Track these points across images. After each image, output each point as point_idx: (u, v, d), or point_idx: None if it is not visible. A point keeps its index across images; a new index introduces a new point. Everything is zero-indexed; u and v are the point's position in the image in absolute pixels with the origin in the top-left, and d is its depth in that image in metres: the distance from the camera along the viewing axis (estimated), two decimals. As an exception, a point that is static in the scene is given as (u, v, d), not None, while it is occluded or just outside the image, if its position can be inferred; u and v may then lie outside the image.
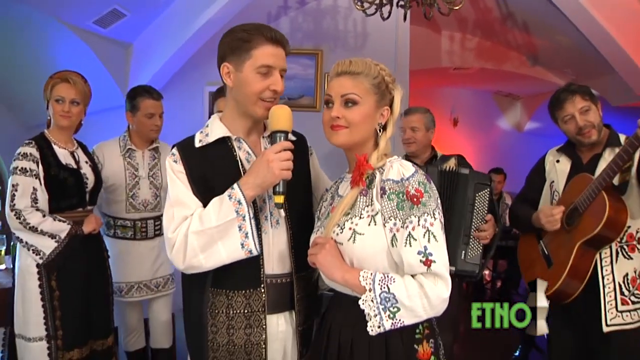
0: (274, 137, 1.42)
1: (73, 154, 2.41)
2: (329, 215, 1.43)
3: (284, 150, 1.38)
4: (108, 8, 3.74)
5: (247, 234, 1.38)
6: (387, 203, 1.32)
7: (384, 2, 3.33)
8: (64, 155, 2.36)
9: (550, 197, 2.31)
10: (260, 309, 1.47)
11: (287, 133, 1.43)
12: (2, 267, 2.90)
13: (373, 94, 1.39)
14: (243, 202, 1.37)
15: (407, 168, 1.35)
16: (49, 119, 2.40)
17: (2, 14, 3.72)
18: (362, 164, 1.36)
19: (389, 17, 3.38)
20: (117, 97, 4.29)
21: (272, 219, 1.51)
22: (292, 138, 1.46)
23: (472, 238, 1.92)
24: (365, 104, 1.38)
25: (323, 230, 1.42)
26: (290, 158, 1.39)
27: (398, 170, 1.35)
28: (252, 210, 1.40)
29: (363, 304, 1.28)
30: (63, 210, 2.32)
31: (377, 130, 1.42)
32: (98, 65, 4.05)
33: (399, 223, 1.30)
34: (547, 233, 2.25)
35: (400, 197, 1.31)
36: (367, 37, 4.48)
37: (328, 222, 1.40)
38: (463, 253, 1.94)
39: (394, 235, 1.30)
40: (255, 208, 1.47)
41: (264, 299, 1.47)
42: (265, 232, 1.49)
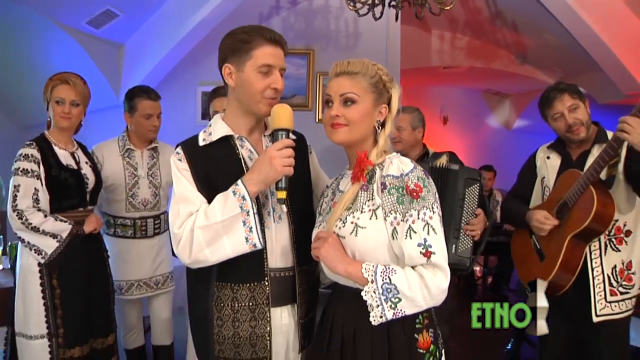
0: (276, 135, 1.46)
1: (73, 155, 2.43)
2: (331, 210, 1.47)
3: (286, 148, 1.43)
4: (101, 8, 3.73)
5: (251, 229, 1.42)
6: (387, 197, 1.37)
7: (376, 2, 3.37)
8: (65, 156, 2.39)
9: (542, 192, 2.37)
10: (265, 302, 1.51)
11: (288, 131, 1.47)
12: (-1, 267, 2.90)
13: (371, 93, 1.44)
14: (247, 197, 1.41)
15: (406, 164, 1.40)
16: (49, 120, 2.42)
17: (-5, 14, 3.72)
18: (362, 161, 1.40)
19: (381, 17, 3.42)
20: (110, 97, 4.28)
21: (274, 215, 1.55)
22: (292, 137, 1.49)
23: (462, 232, 1.95)
24: (364, 103, 1.43)
25: (325, 225, 1.46)
26: (292, 155, 1.43)
27: (398, 166, 1.39)
28: (255, 206, 1.44)
29: (365, 295, 1.32)
30: (64, 210, 2.34)
31: (376, 128, 1.47)
32: (91, 66, 4.03)
33: (399, 217, 1.34)
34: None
35: (400, 191, 1.36)
36: (358, 36, 4.51)
37: (330, 216, 1.44)
38: (454, 247, 1.97)
39: (395, 229, 1.34)
40: (259, 204, 1.50)
41: (268, 292, 1.51)
42: (268, 227, 1.53)
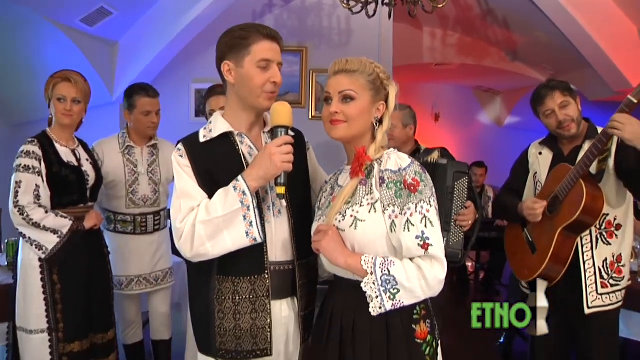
0: (275, 132, 1.49)
1: (74, 152, 2.46)
2: (330, 205, 1.51)
3: (285, 144, 1.46)
4: (95, 6, 3.75)
5: (251, 223, 1.45)
6: (386, 191, 1.40)
7: (370, 0, 3.41)
8: (66, 153, 2.41)
9: (534, 187, 2.41)
10: (265, 295, 1.54)
11: (287, 128, 1.51)
12: (-4, 265, 2.91)
13: (369, 90, 1.48)
14: (247, 192, 1.44)
15: (403, 159, 1.44)
16: (51, 118, 2.45)
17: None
18: (361, 156, 1.44)
19: (375, 15, 3.45)
20: (103, 95, 4.29)
21: (274, 209, 1.58)
22: (291, 133, 1.53)
23: (453, 225, 1.99)
24: (362, 99, 1.47)
25: (325, 219, 1.49)
26: (291, 151, 1.46)
27: (395, 161, 1.44)
28: (255, 201, 1.47)
29: (365, 287, 1.35)
30: (65, 206, 2.36)
31: (373, 125, 1.50)
32: (85, 64, 4.03)
33: (398, 210, 1.38)
34: (530, 221, 2.35)
35: (399, 185, 1.40)
36: (351, 34, 4.54)
37: (330, 210, 1.48)
38: (445, 240, 2.01)
39: (393, 222, 1.38)
40: (259, 199, 1.53)
41: (268, 285, 1.54)
42: (268, 221, 1.56)
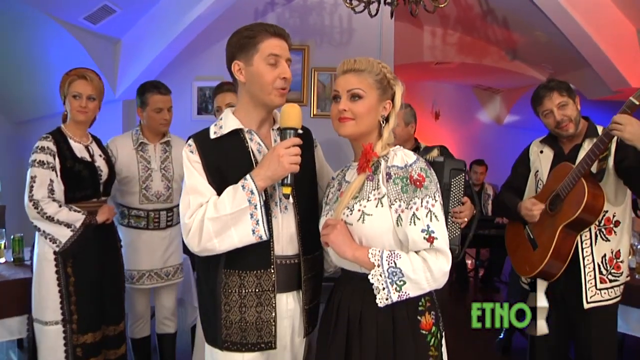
0: (285, 133, 1.53)
1: (88, 148, 2.51)
2: (338, 200, 1.55)
3: (293, 146, 1.50)
4: (99, 4, 3.77)
5: (258, 221, 1.49)
6: (392, 187, 1.44)
7: (372, 0, 3.43)
8: (79, 149, 2.46)
9: (535, 185, 2.44)
10: (271, 288, 1.57)
11: (296, 130, 1.54)
12: (1, 260, 2.93)
13: (376, 89, 1.52)
14: (255, 192, 1.49)
15: (409, 156, 1.48)
16: (65, 114, 2.51)
17: (-8, 10, 3.74)
18: (368, 152, 1.48)
19: (377, 14, 3.48)
20: (106, 92, 4.28)
21: (281, 205, 1.61)
22: (300, 131, 1.56)
23: (450, 221, 2.03)
24: (369, 98, 1.51)
25: (333, 213, 1.53)
26: (299, 153, 1.50)
27: (402, 158, 1.48)
28: (262, 199, 1.51)
29: (372, 279, 1.39)
30: (78, 201, 2.41)
31: (380, 122, 1.55)
32: (88, 61, 4.05)
33: (404, 204, 1.42)
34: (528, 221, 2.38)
35: (405, 181, 1.44)
36: (352, 32, 4.56)
37: (338, 205, 1.52)
38: None
39: (399, 216, 1.42)
40: (266, 195, 1.57)
41: (274, 279, 1.57)
42: (275, 216, 1.59)
